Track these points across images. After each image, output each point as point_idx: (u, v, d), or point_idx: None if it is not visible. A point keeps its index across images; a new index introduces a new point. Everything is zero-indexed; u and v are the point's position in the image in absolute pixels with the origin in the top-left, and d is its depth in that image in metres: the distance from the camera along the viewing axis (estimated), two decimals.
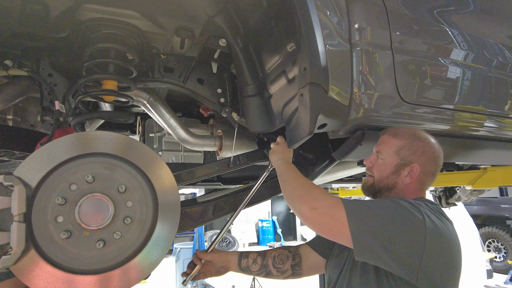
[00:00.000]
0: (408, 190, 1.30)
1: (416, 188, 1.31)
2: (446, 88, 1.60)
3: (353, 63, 1.35)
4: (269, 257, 1.56)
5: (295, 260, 1.56)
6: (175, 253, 7.45)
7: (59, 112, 1.40)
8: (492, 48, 1.81)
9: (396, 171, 1.30)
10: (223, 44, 1.53)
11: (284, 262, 1.55)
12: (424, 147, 1.31)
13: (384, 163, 1.32)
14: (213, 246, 1.53)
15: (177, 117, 1.77)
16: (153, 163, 1.18)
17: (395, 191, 1.30)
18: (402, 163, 1.29)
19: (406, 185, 1.29)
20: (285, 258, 1.56)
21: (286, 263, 1.55)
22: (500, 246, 8.58)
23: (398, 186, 1.30)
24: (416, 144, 1.30)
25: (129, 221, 1.11)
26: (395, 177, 1.30)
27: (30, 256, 1.00)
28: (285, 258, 1.56)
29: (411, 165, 1.28)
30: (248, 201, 1.53)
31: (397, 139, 1.32)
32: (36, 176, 1.04)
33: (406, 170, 1.28)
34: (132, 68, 1.43)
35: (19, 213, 0.98)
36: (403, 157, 1.29)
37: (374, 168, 1.36)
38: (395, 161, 1.30)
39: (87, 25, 1.39)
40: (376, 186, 1.34)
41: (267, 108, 1.52)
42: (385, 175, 1.31)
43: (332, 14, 1.31)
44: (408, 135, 1.33)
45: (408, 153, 1.29)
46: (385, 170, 1.32)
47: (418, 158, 1.29)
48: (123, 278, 1.08)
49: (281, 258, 1.56)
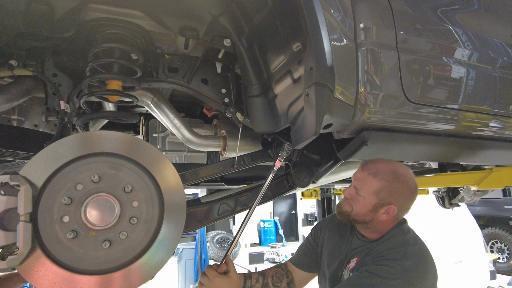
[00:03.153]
0: (383, 224, 1.41)
1: (391, 223, 1.42)
2: (451, 88, 1.59)
3: (359, 63, 1.35)
4: (268, 276, 1.63)
5: (289, 278, 1.66)
6: (177, 253, 7.45)
7: (64, 112, 1.40)
8: (497, 48, 1.80)
9: (374, 210, 1.38)
10: (228, 44, 1.52)
11: (281, 280, 1.63)
12: (402, 189, 1.38)
13: (364, 200, 1.40)
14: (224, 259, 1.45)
15: (181, 117, 1.76)
16: (159, 163, 1.18)
17: (372, 224, 1.41)
18: (381, 203, 1.37)
19: (382, 220, 1.40)
20: (281, 276, 1.65)
21: (283, 281, 1.64)
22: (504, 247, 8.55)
23: (374, 221, 1.40)
24: (395, 186, 1.38)
25: (135, 221, 1.10)
26: (372, 214, 1.39)
27: (36, 256, 1.00)
28: (281, 277, 1.64)
29: (389, 205, 1.37)
30: (257, 204, 1.52)
31: (377, 180, 1.38)
32: (42, 175, 1.04)
33: (383, 209, 1.38)
34: (137, 68, 1.43)
35: (25, 213, 0.98)
36: (381, 198, 1.37)
37: (352, 201, 1.43)
38: (374, 200, 1.38)
39: (92, 25, 1.39)
40: (352, 217, 1.43)
41: (271, 108, 1.52)
42: (363, 212, 1.40)
43: (337, 13, 1.31)
44: (388, 175, 1.39)
45: (387, 195, 1.37)
46: (363, 207, 1.40)
47: (396, 200, 1.37)
48: (129, 279, 1.07)
49: (278, 277, 1.64)
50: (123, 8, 1.39)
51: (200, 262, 7.02)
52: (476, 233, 6.72)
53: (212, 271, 1.38)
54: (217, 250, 11.13)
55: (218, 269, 1.40)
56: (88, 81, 1.39)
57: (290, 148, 1.56)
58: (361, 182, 1.42)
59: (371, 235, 1.45)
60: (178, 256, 7.41)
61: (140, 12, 1.41)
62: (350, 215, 1.43)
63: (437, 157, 1.93)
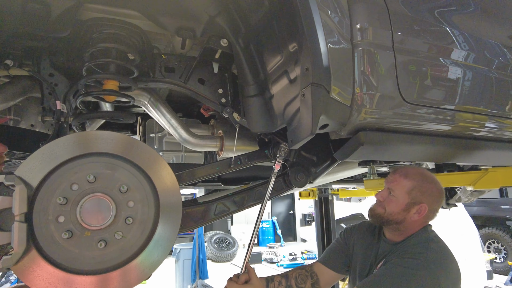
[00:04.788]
0: (414, 224, 1.48)
1: (421, 223, 1.49)
2: (447, 89, 1.60)
3: (355, 64, 1.35)
4: (291, 278, 1.64)
5: (313, 279, 1.67)
6: (175, 253, 7.44)
7: (60, 112, 1.39)
8: (493, 49, 1.81)
9: (406, 209, 1.46)
10: (225, 44, 1.52)
11: (305, 282, 1.65)
12: (432, 189, 1.48)
13: (397, 200, 1.48)
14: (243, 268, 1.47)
15: (178, 117, 1.76)
16: (155, 163, 1.18)
17: (403, 225, 1.47)
18: (412, 202, 1.45)
19: (413, 221, 1.47)
20: (305, 277, 1.66)
21: (307, 282, 1.65)
22: (500, 247, 8.57)
23: (406, 221, 1.47)
24: (425, 186, 1.47)
25: (131, 221, 1.10)
26: (405, 213, 1.46)
27: (31, 256, 1.00)
28: (305, 278, 1.66)
29: (420, 204, 1.45)
30: (264, 206, 1.53)
31: (408, 180, 1.49)
32: (37, 175, 1.03)
33: (415, 209, 1.45)
34: (133, 68, 1.43)
35: (20, 213, 0.97)
36: (413, 197, 1.46)
37: (385, 203, 1.51)
38: (406, 200, 1.46)
39: (88, 25, 1.39)
40: (385, 218, 1.50)
41: (268, 108, 1.52)
42: (396, 211, 1.47)
43: (334, 14, 1.31)
44: (418, 176, 1.50)
45: (418, 194, 1.46)
46: (396, 207, 1.47)
47: (427, 199, 1.46)
48: (124, 279, 1.07)
49: (302, 278, 1.66)
50: (119, 8, 1.39)
51: (198, 262, 7.02)
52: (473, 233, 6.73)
53: (233, 284, 1.40)
54: (215, 251, 11.12)
55: (239, 280, 1.41)
56: (84, 81, 1.38)
57: (287, 148, 1.56)
58: (394, 184, 1.51)
59: (398, 238, 1.51)
60: (176, 257, 7.39)
61: (137, 12, 1.40)
62: (383, 217, 1.50)
63: (433, 157, 1.93)
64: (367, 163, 2.32)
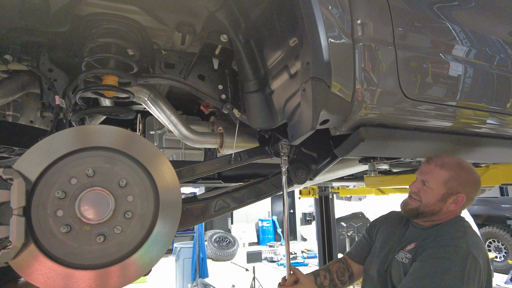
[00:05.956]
0: (450, 214, 1.45)
1: (458, 212, 1.47)
2: (449, 85, 1.59)
3: (356, 59, 1.34)
4: (333, 272, 1.70)
5: (349, 271, 1.73)
6: (175, 252, 7.43)
7: (59, 108, 1.39)
8: (494, 45, 1.80)
9: (443, 199, 1.42)
10: (225, 40, 1.52)
11: (344, 274, 1.70)
12: (469, 178, 1.44)
13: (432, 191, 1.44)
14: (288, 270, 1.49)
15: (178, 114, 1.76)
16: (155, 158, 1.17)
17: (439, 215, 1.45)
18: (449, 192, 1.42)
19: (450, 210, 1.44)
20: (343, 270, 1.71)
21: (345, 274, 1.70)
22: (501, 246, 8.56)
23: (442, 212, 1.44)
24: (463, 176, 1.43)
25: (130, 215, 1.10)
26: (441, 204, 1.43)
27: (29, 251, 0.99)
28: (344, 271, 1.71)
29: (458, 194, 1.41)
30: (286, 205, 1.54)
31: (444, 171, 1.43)
32: (36, 169, 1.03)
33: (452, 199, 1.42)
34: (133, 64, 1.42)
35: (18, 206, 0.97)
36: (450, 187, 1.42)
37: (421, 193, 1.47)
38: (442, 190, 1.42)
39: (88, 20, 1.38)
40: (421, 210, 1.47)
41: (268, 104, 1.51)
42: (432, 202, 1.44)
43: (335, 9, 1.30)
44: (455, 166, 1.45)
45: (455, 184, 1.42)
46: (432, 197, 1.44)
47: (464, 188, 1.42)
48: (123, 274, 1.07)
49: (341, 271, 1.71)
50: (119, 3, 1.39)
51: (198, 261, 7.01)
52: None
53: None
54: (215, 249, 11.12)
55: (287, 282, 1.44)
56: (83, 76, 1.38)
57: (288, 144, 1.55)
58: (429, 175, 1.46)
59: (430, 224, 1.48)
60: (176, 255, 7.39)
61: (137, 7, 1.40)
62: (419, 209, 1.46)
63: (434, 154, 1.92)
64: (368, 160, 2.31)
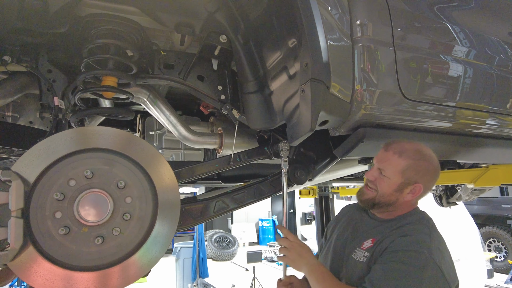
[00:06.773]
0: (406, 205, 1.36)
1: (414, 203, 1.38)
2: (448, 85, 1.59)
3: (355, 60, 1.35)
4: None
5: None
6: (175, 252, 7.44)
7: (58, 109, 1.38)
8: (494, 46, 1.80)
9: (399, 189, 1.33)
10: (224, 41, 1.51)
11: None
12: (428, 167, 1.33)
13: (389, 180, 1.34)
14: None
15: (177, 114, 1.76)
16: (153, 159, 1.17)
17: (394, 206, 1.36)
18: (406, 182, 1.32)
19: (405, 201, 1.35)
20: None
21: None
22: (501, 245, 8.56)
23: (397, 202, 1.35)
24: (421, 164, 1.32)
25: (129, 217, 1.09)
26: (397, 194, 1.33)
27: (28, 253, 0.99)
28: None
29: (415, 184, 1.31)
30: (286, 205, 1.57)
31: (402, 159, 1.32)
32: (34, 171, 1.03)
33: (409, 189, 1.32)
34: (132, 65, 1.42)
35: (16, 208, 0.97)
36: (407, 177, 1.31)
37: (377, 182, 1.37)
38: (399, 180, 1.32)
39: (87, 21, 1.38)
40: (376, 200, 1.37)
41: (268, 105, 1.51)
42: (389, 192, 1.34)
43: (333, 9, 1.30)
44: (414, 153, 1.33)
45: (413, 174, 1.31)
46: (388, 187, 1.34)
47: (422, 178, 1.32)
48: (122, 275, 1.06)
49: None
50: (118, 4, 1.38)
51: (198, 261, 7.02)
52: (474, 232, 6.73)
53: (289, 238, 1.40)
54: (215, 249, 11.12)
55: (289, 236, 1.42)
56: (83, 77, 1.38)
57: (288, 144, 1.55)
58: (386, 163, 1.35)
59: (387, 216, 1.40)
60: (176, 255, 7.39)
61: (136, 8, 1.39)
62: (375, 199, 1.37)
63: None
64: (367, 161, 2.30)
